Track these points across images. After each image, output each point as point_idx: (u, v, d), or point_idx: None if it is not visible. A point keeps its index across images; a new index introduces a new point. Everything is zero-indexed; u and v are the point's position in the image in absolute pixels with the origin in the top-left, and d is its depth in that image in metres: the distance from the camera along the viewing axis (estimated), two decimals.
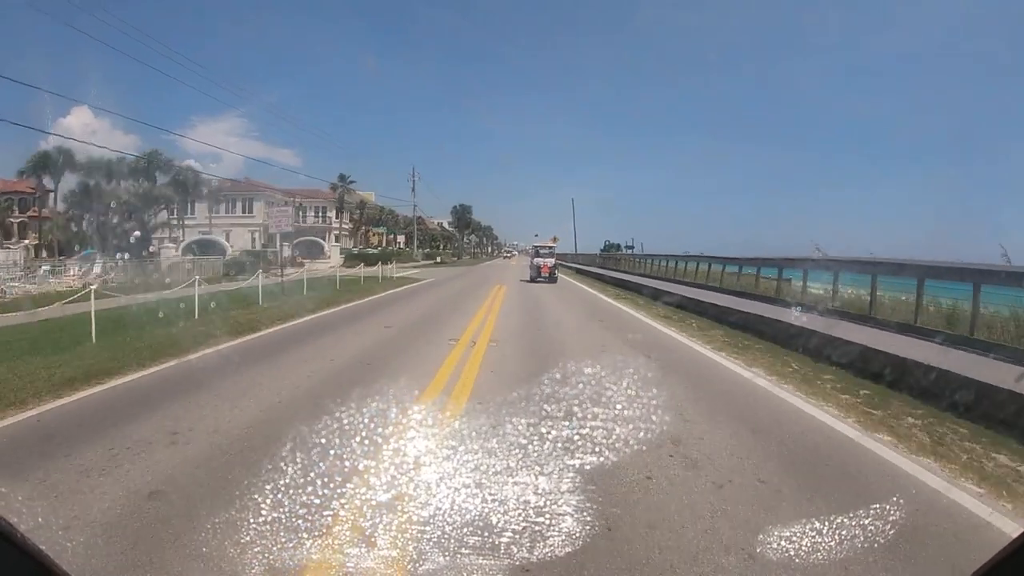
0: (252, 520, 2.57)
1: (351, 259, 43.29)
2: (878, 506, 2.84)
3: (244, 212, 49.47)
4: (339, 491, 2.81)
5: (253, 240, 48.36)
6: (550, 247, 26.83)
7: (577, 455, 3.37)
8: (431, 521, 2.58)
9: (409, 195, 76.39)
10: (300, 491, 2.80)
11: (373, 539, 2.48)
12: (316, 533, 2.50)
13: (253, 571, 2.24)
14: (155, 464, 3.48)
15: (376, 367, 6.41)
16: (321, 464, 3.06)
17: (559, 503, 2.80)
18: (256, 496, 2.78)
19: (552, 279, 23.36)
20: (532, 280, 23.28)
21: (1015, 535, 1.55)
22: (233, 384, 5.53)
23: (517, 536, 2.47)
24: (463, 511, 2.65)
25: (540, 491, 2.89)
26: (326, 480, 2.88)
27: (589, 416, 4.02)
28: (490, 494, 2.82)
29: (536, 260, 24.43)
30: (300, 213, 55.95)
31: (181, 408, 4.68)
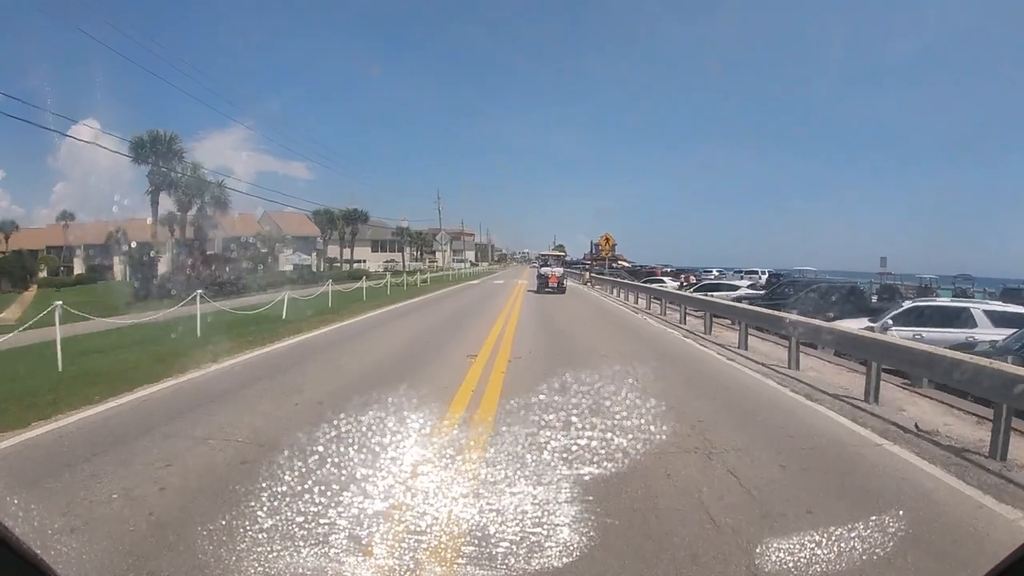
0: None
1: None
2: None
3: None
4: None
5: None
6: (557, 256, 27.98)
7: None
8: None
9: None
10: None
11: None
12: None
13: None
14: None
15: None
16: None
17: None
18: None
19: (560, 289, 23.28)
20: (539, 291, 23.24)
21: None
22: None
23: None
24: None
25: None
26: None
27: None
28: None
29: (544, 269, 24.74)
30: None
31: None
